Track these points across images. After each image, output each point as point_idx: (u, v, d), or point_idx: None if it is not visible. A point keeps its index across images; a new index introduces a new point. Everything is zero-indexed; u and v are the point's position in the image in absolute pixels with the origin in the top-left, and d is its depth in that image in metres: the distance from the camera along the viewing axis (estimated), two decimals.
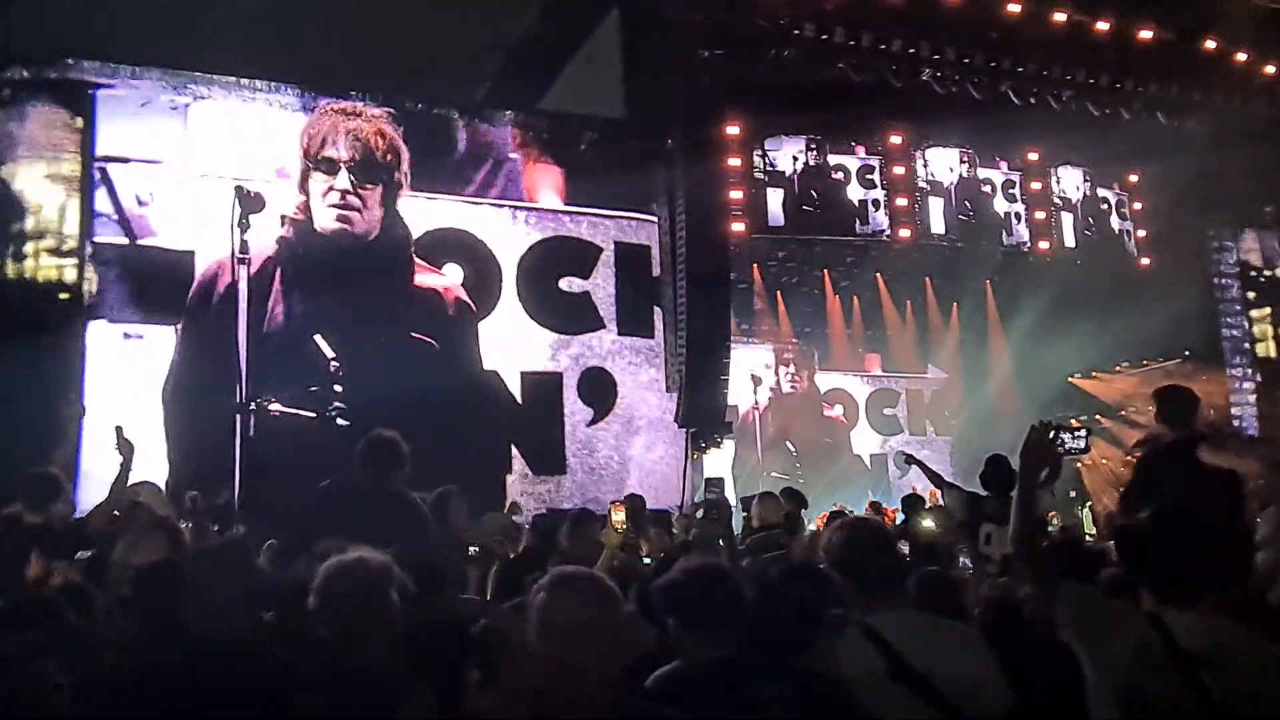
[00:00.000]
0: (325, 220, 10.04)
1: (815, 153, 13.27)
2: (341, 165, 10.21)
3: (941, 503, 8.66)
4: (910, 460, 8.48)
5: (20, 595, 3.70)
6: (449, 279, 10.80)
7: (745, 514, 7.82)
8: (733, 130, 12.07)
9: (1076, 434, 3.28)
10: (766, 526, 7.10)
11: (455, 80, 12.13)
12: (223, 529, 5.37)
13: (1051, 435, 3.13)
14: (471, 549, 5.71)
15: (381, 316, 10.08)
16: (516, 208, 11.35)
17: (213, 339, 8.89)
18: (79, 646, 3.17)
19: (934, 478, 7.80)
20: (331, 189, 10.11)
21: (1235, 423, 13.32)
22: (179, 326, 9.54)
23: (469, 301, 10.82)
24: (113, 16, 9.87)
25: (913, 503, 8.90)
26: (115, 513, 5.14)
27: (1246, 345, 14.83)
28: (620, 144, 11.84)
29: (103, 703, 2.72)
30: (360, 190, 10.24)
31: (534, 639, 2.23)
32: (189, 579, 3.10)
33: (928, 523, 7.08)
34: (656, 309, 11.84)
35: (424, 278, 10.61)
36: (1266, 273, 15.09)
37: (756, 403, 15.25)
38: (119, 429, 5.40)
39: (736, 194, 12.12)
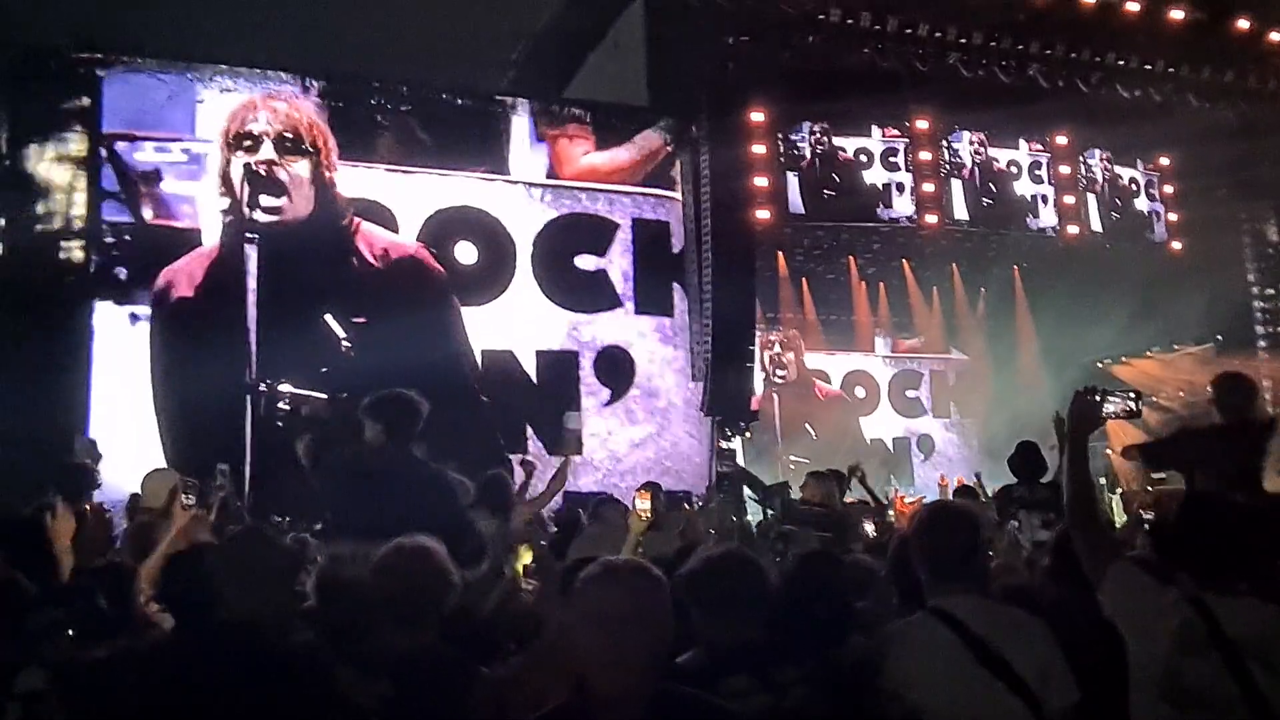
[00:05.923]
0: (255, 209, 8.02)
1: (833, 136, 13.10)
2: (265, 138, 9.69)
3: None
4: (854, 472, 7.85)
5: (54, 583, 3.73)
6: (405, 240, 10.40)
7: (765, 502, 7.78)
8: (758, 117, 11.99)
9: (1127, 396, 3.15)
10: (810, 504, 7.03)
11: (480, 68, 12.13)
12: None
13: (1098, 398, 3.09)
14: None
15: (337, 304, 9.64)
16: (531, 185, 11.19)
17: (202, 326, 8.68)
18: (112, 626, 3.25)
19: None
20: (254, 165, 9.15)
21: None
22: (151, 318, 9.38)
23: (434, 267, 10.45)
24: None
25: (968, 495, 8.72)
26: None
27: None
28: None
29: (140, 685, 2.77)
30: (286, 164, 9.67)
31: (579, 626, 2.23)
32: (218, 567, 3.11)
33: None
34: (676, 286, 11.68)
35: (378, 243, 10.19)
36: None
37: (770, 382, 14.96)
38: None
39: (762, 181, 12.01)
